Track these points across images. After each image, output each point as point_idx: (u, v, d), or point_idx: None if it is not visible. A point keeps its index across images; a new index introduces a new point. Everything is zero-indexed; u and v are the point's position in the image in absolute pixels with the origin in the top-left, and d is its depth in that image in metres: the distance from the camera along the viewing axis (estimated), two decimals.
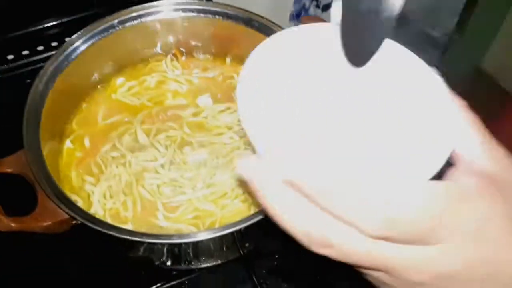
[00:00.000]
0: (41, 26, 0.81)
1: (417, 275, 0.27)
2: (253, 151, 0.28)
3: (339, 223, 0.26)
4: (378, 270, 0.28)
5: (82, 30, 0.61)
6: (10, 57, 0.78)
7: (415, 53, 0.34)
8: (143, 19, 0.65)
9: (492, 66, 1.92)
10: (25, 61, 0.77)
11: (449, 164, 0.28)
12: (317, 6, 1.10)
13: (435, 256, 0.26)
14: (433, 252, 0.26)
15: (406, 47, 0.35)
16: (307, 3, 1.09)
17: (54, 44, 0.79)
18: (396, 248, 0.26)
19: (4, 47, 0.78)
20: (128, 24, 0.64)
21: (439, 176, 0.28)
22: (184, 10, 0.65)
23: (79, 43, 0.61)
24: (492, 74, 1.95)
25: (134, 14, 0.64)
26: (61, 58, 0.59)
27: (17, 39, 0.80)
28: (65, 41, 0.64)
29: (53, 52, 0.60)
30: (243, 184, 0.56)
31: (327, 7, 1.09)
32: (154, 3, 0.64)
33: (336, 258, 0.27)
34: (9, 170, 0.52)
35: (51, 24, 0.81)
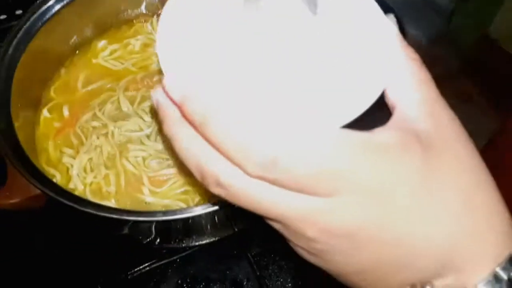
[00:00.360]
0: None
1: (309, 228, 0.25)
2: None
3: (225, 160, 0.24)
4: (275, 220, 0.26)
5: None
6: None
7: (421, 20, 0.31)
8: None
9: (498, 32, 1.86)
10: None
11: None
12: None
13: (323, 209, 0.24)
14: (322, 205, 0.24)
15: (412, 13, 0.32)
16: None
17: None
18: (286, 196, 0.24)
19: None
20: None
21: (373, 121, 0.26)
22: None
23: (52, 2, 0.55)
24: (499, 39, 1.89)
25: None
26: (33, 18, 0.54)
27: None
28: None
29: None
30: None
31: None
32: None
33: (229, 200, 0.25)
34: None
35: None
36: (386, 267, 0.25)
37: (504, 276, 0.24)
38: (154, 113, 0.57)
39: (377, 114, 0.27)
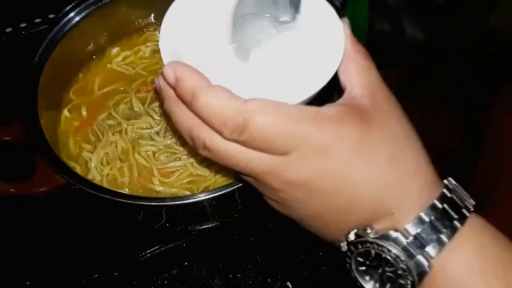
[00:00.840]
0: None
1: (273, 180, 0.32)
2: None
3: (209, 128, 0.31)
4: (249, 175, 0.33)
5: (76, 1, 0.62)
6: (9, 29, 0.79)
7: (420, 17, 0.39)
8: None
9: (500, 24, 1.90)
10: (23, 32, 0.78)
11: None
12: None
13: (283, 164, 0.31)
14: (282, 160, 0.31)
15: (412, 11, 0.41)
16: None
17: (51, 16, 0.80)
18: (254, 153, 0.31)
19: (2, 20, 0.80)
20: None
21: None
22: None
23: (73, 14, 0.62)
24: (501, 31, 1.93)
25: None
26: (56, 29, 0.61)
27: (16, 12, 0.81)
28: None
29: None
30: None
31: None
32: None
33: (214, 159, 0.33)
34: (7, 138, 0.54)
35: None
36: (334, 211, 0.32)
37: (426, 219, 0.31)
38: (163, 112, 0.64)
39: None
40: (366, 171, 0.31)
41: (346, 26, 0.35)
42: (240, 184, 0.50)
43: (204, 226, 0.60)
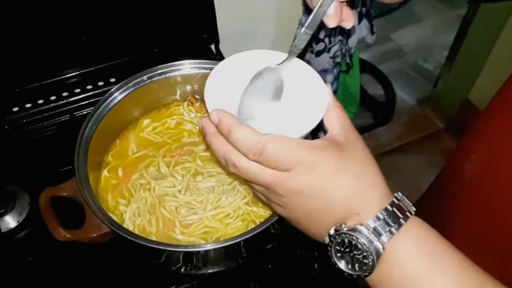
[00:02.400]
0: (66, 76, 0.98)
1: (279, 189, 0.47)
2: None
3: (238, 152, 0.46)
4: (262, 185, 0.48)
5: (119, 84, 0.78)
6: (53, 97, 0.96)
7: (409, 82, 0.60)
8: (167, 75, 0.81)
9: (479, 98, 2.08)
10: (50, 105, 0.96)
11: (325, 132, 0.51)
12: (312, 52, 1.27)
13: (286, 177, 0.46)
14: (286, 175, 0.46)
15: (402, 76, 0.64)
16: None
17: (77, 90, 0.97)
18: (267, 170, 0.46)
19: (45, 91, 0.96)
20: (155, 78, 0.81)
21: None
22: (199, 68, 0.81)
23: (117, 94, 0.78)
24: (479, 106, 2.10)
25: (160, 71, 0.81)
26: (103, 106, 0.76)
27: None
28: (87, 88, 0.87)
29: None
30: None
31: (319, 53, 1.26)
32: (176, 62, 0.81)
33: (239, 175, 0.48)
34: (65, 194, 0.69)
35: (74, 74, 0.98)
36: (318, 212, 0.48)
37: (381, 217, 0.46)
38: (186, 171, 0.78)
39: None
40: (341, 184, 0.47)
41: (329, 89, 0.52)
42: (244, 238, 0.63)
43: (214, 270, 0.73)
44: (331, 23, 0.53)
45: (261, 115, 0.53)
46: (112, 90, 0.78)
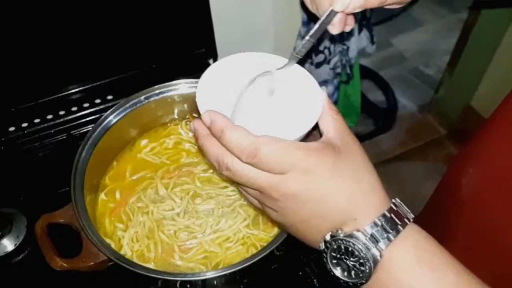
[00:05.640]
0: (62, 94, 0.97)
1: (274, 192, 0.45)
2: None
3: (231, 155, 0.44)
4: (256, 189, 0.46)
5: (115, 106, 0.77)
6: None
7: (410, 88, 0.57)
8: (164, 94, 0.80)
9: (481, 104, 2.06)
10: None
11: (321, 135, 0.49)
12: (311, 63, 1.25)
13: (281, 180, 0.44)
14: (281, 178, 0.44)
15: (403, 82, 0.62)
16: None
17: (74, 109, 0.96)
18: (262, 172, 0.44)
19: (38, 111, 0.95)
20: (152, 98, 0.80)
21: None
22: (196, 87, 0.80)
23: (113, 116, 0.77)
24: (481, 112, 2.08)
25: (157, 91, 0.80)
26: (99, 129, 0.75)
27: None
28: (84, 106, 0.86)
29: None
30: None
31: (319, 64, 1.25)
32: (173, 82, 0.80)
33: (232, 178, 0.46)
34: (61, 221, 0.67)
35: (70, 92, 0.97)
36: (316, 217, 0.46)
37: (379, 223, 0.45)
38: (185, 194, 0.77)
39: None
40: (338, 187, 0.45)
41: (324, 92, 0.51)
42: (242, 266, 0.62)
43: None
44: (335, 31, 0.54)
45: (256, 117, 0.52)
46: (108, 112, 0.77)
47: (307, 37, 0.52)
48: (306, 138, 0.51)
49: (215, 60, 1.05)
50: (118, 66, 0.98)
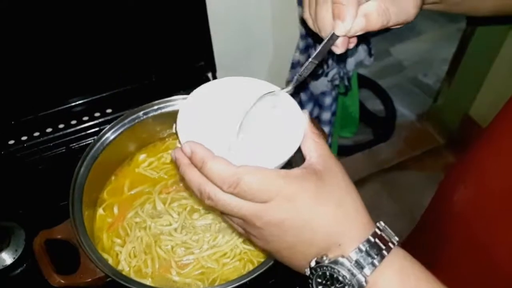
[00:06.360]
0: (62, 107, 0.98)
1: (257, 221, 0.45)
2: None
3: (212, 184, 0.44)
4: (239, 218, 0.46)
5: (114, 122, 0.77)
6: (49, 129, 0.96)
7: (409, 97, 0.57)
8: (163, 110, 0.81)
9: (479, 114, 2.07)
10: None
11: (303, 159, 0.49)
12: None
13: (264, 209, 0.44)
14: (263, 206, 0.44)
15: (402, 91, 0.61)
16: None
17: (73, 122, 0.97)
18: (244, 202, 0.44)
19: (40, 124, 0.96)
20: (150, 114, 0.80)
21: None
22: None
23: (110, 133, 0.77)
24: (480, 121, 2.09)
25: (155, 107, 0.80)
26: (97, 145, 0.76)
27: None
28: (83, 120, 0.87)
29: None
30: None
31: (317, 77, 1.26)
32: (171, 97, 0.81)
33: (215, 207, 0.46)
34: (59, 236, 0.68)
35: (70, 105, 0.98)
36: (301, 244, 0.46)
37: (363, 248, 0.45)
38: (182, 209, 0.77)
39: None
40: (321, 214, 0.45)
41: (306, 116, 0.51)
42: (240, 282, 0.62)
43: None
44: (338, 51, 0.54)
45: (238, 146, 0.52)
46: (106, 128, 0.77)
47: (310, 59, 0.52)
48: (292, 159, 0.51)
49: (213, 73, 1.06)
50: (118, 80, 0.99)
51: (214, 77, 1.06)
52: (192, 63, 1.04)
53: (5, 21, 0.80)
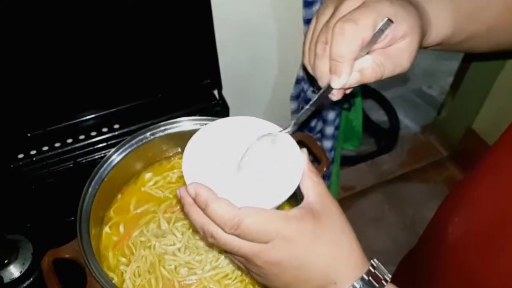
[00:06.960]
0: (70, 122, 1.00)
1: (258, 260, 0.48)
2: None
3: (215, 225, 0.47)
4: (241, 256, 0.49)
5: (121, 143, 0.79)
6: (57, 144, 0.98)
7: (413, 109, 0.59)
8: (169, 131, 0.83)
9: (482, 127, 2.08)
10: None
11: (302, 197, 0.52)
12: (313, 91, 1.28)
13: (264, 249, 0.47)
14: (263, 247, 0.47)
15: (406, 102, 0.65)
16: (305, 87, 1.27)
17: (81, 137, 0.99)
18: (245, 242, 0.47)
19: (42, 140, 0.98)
20: (157, 135, 0.82)
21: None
22: (200, 124, 0.83)
23: (118, 154, 0.79)
24: (483, 135, 2.10)
25: (162, 128, 0.82)
26: (105, 165, 0.77)
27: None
28: (91, 135, 0.90)
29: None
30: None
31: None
32: (178, 119, 0.83)
33: (217, 245, 0.49)
34: (67, 256, 0.70)
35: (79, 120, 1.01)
36: (298, 281, 0.49)
37: (357, 286, 0.48)
38: (186, 228, 0.79)
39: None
40: (318, 253, 0.48)
41: (305, 155, 0.53)
42: None
43: None
44: (335, 98, 0.57)
45: (238, 184, 0.54)
46: (114, 149, 0.79)
47: (307, 106, 0.55)
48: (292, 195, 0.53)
49: (219, 90, 1.08)
50: (125, 96, 1.01)
51: (220, 94, 1.08)
52: (198, 81, 1.06)
53: (14, 37, 0.82)
